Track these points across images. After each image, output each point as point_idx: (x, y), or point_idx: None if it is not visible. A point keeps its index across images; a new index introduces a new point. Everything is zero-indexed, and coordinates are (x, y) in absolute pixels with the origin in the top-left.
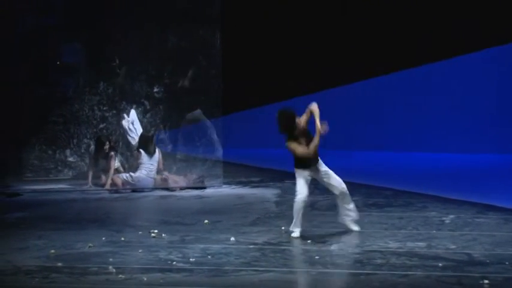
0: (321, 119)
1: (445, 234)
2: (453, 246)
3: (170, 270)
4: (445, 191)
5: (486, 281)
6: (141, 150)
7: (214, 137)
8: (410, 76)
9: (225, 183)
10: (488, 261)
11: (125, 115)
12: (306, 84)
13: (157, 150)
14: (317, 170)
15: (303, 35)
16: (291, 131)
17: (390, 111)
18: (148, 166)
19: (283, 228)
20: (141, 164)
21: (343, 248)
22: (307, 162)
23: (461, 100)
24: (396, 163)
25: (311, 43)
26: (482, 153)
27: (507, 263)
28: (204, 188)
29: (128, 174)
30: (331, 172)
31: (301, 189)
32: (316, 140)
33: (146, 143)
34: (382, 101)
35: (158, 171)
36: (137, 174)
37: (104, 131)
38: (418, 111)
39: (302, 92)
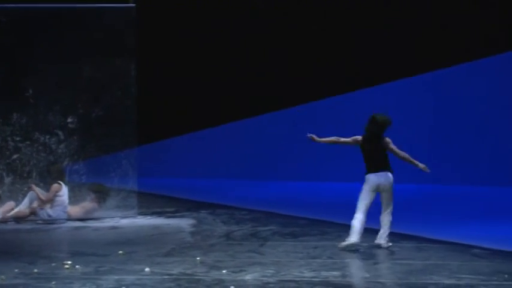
0: (231, 150)
1: (359, 263)
2: (367, 275)
3: None
4: None
5: None
6: (60, 182)
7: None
8: (321, 107)
9: (140, 214)
10: None
11: None
12: (220, 115)
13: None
14: None
15: (215, 67)
16: None
17: (302, 141)
18: (65, 199)
19: (198, 258)
20: (58, 196)
21: (258, 277)
22: None
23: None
24: (311, 193)
25: (223, 75)
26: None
27: None
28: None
29: (45, 212)
30: None
31: None
32: None
33: (63, 174)
34: (294, 132)
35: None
36: (56, 213)
37: (17, 161)
38: None
39: (215, 123)
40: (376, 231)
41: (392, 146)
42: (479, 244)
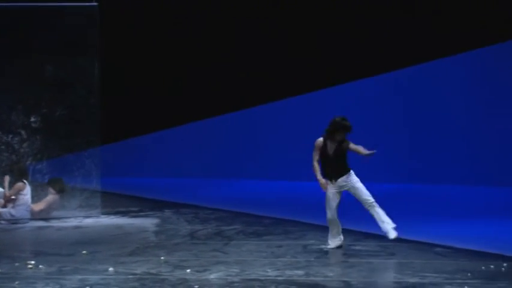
0: (195, 149)
1: (323, 262)
2: (331, 274)
3: None
4: (323, 219)
5: None
6: (24, 181)
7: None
8: (290, 105)
9: (103, 213)
10: None
11: None
12: (185, 114)
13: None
14: None
15: (179, 66)
16: None
17: (267, 140)
18: (28, 198)
19: (162, 258)
20: (22, 195)
21: (222, 276)
22: None
23: None
24: (275, 192)
25: (186, 75)
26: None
27: None
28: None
29: (8, 212)
30: None
31: None
32: None
33: (26, 173)
34: (259, 130)
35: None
36: (19, 213)
37: None
38: (294, 140)
39: (179, 122)
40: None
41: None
42: (442, 243)
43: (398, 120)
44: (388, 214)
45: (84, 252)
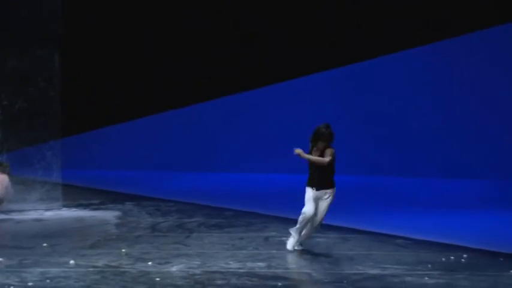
0: (157, 142)
1: (285, 254)
2: (293, 266)
3: None
4: (285, 210)
5: None
6: None
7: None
8: (250, 99)
9: (64, 206)
10: (326, 280)
11: None
12: (146, 107)
13: None
14: None
15: (140, 58)
16: None
17: (227, 133)
18: None
19: (123, 250)
20: None
21: (183, 269)
22: None
23: (304, 122)
24: (237, 184)
25: (148, 67)
26: None
27: (345, 281)
28: None
29: None
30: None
31: None
32: None
33: None
34: (220, 124)
35: None
36: None
37: None
38: (256, 132)
39: (140, 114)
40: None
41: None
42: (403, 234)
43: (361, 114)
44: (351, 206)
45: (45, 245)
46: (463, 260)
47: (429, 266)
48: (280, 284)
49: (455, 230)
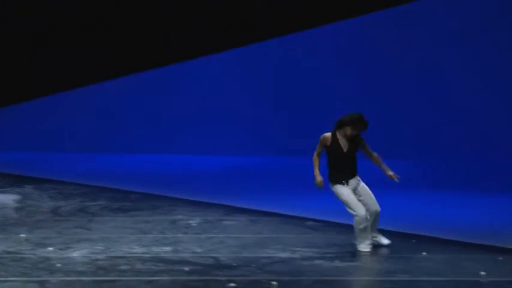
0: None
1: (191, 238)
2: (200, 250)
3: None
4: (192, 193)
5: (232, 284)
6: None
7: None
8: (156, 77)
9: None
10: (235, 264)
11: None
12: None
13: None
14: None
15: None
16: None
17: (134, 112)
18: None
19: (23, 235)
20: None
21: (86, 254)
22: None
23: (210, 102)
24: (143, 165)
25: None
26: (228, 155)
27: (253, 265)
28: None
29: None
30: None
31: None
32: None
33: None
34: (124, 103)
35: None
36: None
37: None
38: (163, 113)
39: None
40: (210, 205)
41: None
42: (313, 217)
43: (266, 92)
44: (259, 187)
45: None
46: (374, 242)
47: (340, 248)
48: (187, 269)
49: None
